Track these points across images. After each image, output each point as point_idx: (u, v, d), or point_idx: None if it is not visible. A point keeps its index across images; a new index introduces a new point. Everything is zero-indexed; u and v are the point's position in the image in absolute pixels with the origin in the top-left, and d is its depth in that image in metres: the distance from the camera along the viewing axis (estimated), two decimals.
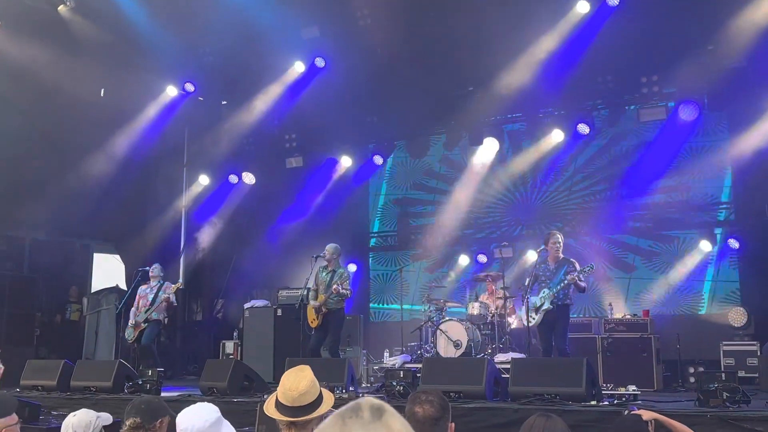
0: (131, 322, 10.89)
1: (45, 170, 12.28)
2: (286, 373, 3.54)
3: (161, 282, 11.05)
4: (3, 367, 7.82)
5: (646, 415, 4.97)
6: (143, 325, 10.75)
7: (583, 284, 9.06)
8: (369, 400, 1.35)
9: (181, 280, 12.44)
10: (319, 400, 3.45)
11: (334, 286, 9.86)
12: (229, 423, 3.83)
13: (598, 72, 11.83)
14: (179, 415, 3.66)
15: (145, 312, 10.74)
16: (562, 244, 9.30)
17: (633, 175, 12.45)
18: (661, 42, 10.94)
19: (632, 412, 5.09)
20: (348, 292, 10.04)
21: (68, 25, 12.08)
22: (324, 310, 9.99)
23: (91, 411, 4.34)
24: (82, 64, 12.01)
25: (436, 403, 3.21)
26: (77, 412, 4.30)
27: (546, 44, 11.31)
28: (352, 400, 1.40)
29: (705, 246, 11.64)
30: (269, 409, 3.48)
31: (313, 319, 10.10)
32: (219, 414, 3.74)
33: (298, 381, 3.42)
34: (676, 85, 11.72)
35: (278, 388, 3.48)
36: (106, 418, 4.36)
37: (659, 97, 11.58)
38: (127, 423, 3.87)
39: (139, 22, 11.94)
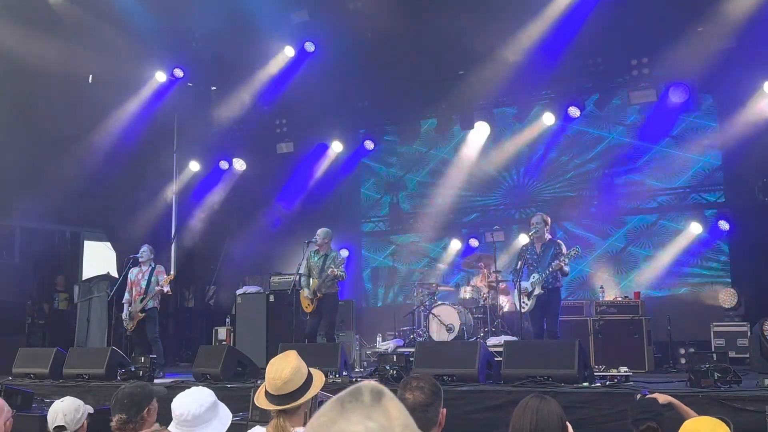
0: (126, 312, 10.79)
1: (34, 158, 12.20)
2: (271, 361, 3.54)
3: (153, 265, 10.96)
4: None
5: (662, 398, 5.02)
6: (140, 315, 10.63)
7: (567, 269, 9.10)
8: (369, 384, 1.35)
9: (173, 271, 12.39)
10: (306, 384, 3.44)
11: (330, 270, 9.85)
12: (225, 406, 3.83)
13: (588, 55, 11.81)
14: (175, 400, 3.66)
15: (140, 301, 10.65)
16: (545, 225, 9.30)
17: (623, 158, 12.48)
18: (651, 24, 10.92)
19: (647, 396, 5.12)
20: (343, 274, 10.04)
21: (56, 11, 11.95)
22: (319, 294, 9.98)
23: (77, 399, 4.35)
24: (71, 50, 11.90)
25: (427, 389, 3.19)
26: (64, 399, 4.31)
27: (536, 27, 11.27)
28: (346, 385, 1.39)
29: (695, 228, 11.68)
30: (260, 400, 3.49)
31: (307, 305, 10.11)
32: (215, 398, 3.74)
33: (281, 369, 3.41)
34: (666, 67, 11.69)
35: (265, 378, 3.48)
36: (89, 408, 4.38)
37: (649, 79, 11.57)
38: (114, 420, 3.87)
39: (128, 7, 11.83)
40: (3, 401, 3.09)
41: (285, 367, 3.42)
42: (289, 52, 13.09)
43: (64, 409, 4.16)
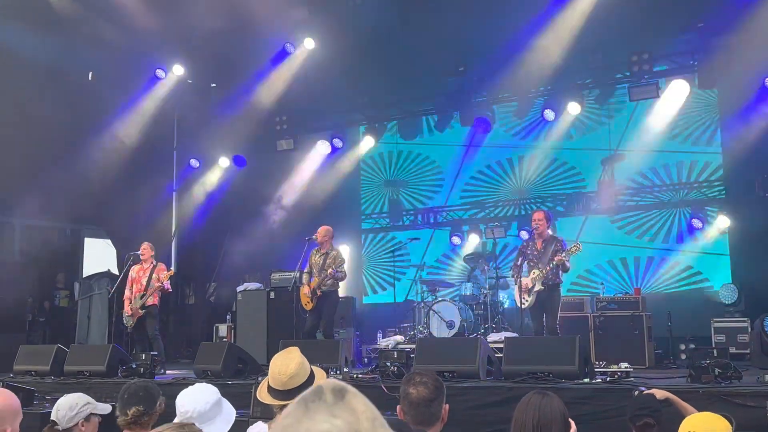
0: (127, 308, 10.79)
1: (34, 155, 12.18)
2: (274, 357, 3.54)
3: (154, 263, 10.96)
4: None
5: (659, 393, 5.03)
6: (141, 312, 10.62)
7: (568, 264, 9.09)
8: (330, 383, 1.36)
9: (173, 267, 12.39)
10: (309, 380, 3.44)
11: (329, 270, 9.83)
12: (228, 402, 3.82)
13: (589, 50, 11.79)
14: (179, 396, 3.64)
15: (141, 298, 10.65)
16: (545, 222, 9.29)
17: (623, 154, 12.46)
18: (650, 19, 10.90)
19: (644, 392, 5.14)
20: (343, 274, 10.03)
21: (55, 8, 11.93)
22: (319, 292, 9.97)
23: (87, 396, 4.29)
24: (70, 47, 11.88)
25: (430, 385, 3.21)
26: (72, 394, 4.26)
27: (536, 22, 11.25)
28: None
29: (696, 223, 11.68)
30: (262, 394, 3.48)
31: (307, 302, 10.09)
32: (219, 395, 3.73)
33: (286, 364, 3.41)
34: (667, 63, 11.71)
35: (268, 373, 3.48)
36: (104, 408, 4.31)
37: (650, 74, 11.56)
38: (130, 413, 3.83)
39: (127, 4, 11.82)
40: (18, 401, 3.06)
41: (290, 363, 3.41)
42: (289, 48, 13.08)
43: (60, 404, 4.12)
